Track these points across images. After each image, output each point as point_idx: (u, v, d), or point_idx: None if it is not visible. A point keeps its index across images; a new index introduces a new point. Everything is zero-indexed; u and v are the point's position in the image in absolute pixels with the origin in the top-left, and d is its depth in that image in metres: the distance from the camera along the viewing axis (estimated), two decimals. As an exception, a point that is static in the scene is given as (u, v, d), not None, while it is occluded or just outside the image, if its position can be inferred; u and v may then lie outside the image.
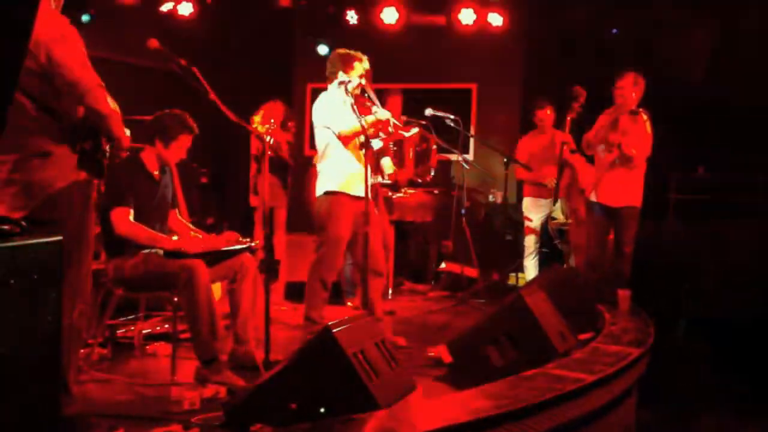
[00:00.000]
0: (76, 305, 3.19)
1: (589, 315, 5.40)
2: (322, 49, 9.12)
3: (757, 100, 7.29)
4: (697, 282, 7.23)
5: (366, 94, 5.34)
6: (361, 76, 5.23)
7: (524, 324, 4.19)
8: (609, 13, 8.28)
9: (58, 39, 3.06)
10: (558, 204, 7.07)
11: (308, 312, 5.23)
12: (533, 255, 7.40)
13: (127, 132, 3.37)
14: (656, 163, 6.35)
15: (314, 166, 5.58)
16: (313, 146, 5.59)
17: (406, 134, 5.60)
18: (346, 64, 5.22)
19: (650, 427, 4.74)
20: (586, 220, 6.58)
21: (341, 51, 5.34)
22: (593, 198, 6.37)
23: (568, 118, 6.58)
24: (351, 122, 5.06)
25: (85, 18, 7.63)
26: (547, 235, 7.37)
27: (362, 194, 5.10)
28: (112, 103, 3.24)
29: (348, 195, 5.18)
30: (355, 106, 5.00)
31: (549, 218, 7.32)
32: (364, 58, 5.31)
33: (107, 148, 3.32)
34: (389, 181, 6.64)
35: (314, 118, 5.28)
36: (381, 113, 5.21)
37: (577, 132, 6.64)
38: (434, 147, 7.36)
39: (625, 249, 6.24)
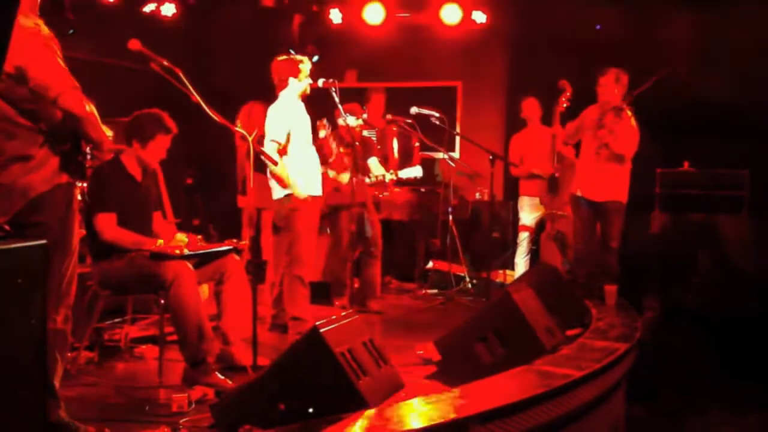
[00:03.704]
0: (60, 309, 3.17)
1: (577, 310, 5.41)
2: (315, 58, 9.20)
3: (742, 95, 7.32)
4: (684, 276, 7.26)
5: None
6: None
7: (512, 321, 4.20)
8: (593, 9, 8.30)
9: (31, 42, 3.03)
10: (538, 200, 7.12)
11: (293, 312, 5.27)
12: (525, 252, 7.41)
13: (110, 133, 3.34)
14: (642, 158, 6.37)
15: None
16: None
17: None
18: (293, 70, 5.32)
19: (640, 422, 4.76)
20: (573, 215, 6.60)
21: (282, 58, 5.42)
22: (578, 193, 6.39)
23: (557, 112, 6.62)
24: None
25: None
26: (540, 232, 7.39)
27: (317, 193, 5.37)
28: (89, 106, 3.20)
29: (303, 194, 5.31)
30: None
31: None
32: (305, 58, 5.41)
33: (88, 150, 3.29)
34: (376, 181, 6.65)
35: (267, 132, 5.34)
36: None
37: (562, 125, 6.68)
38: (417, 144, 7.37)
39: (611, 244, 6.26)
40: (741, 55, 7.61)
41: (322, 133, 6.09)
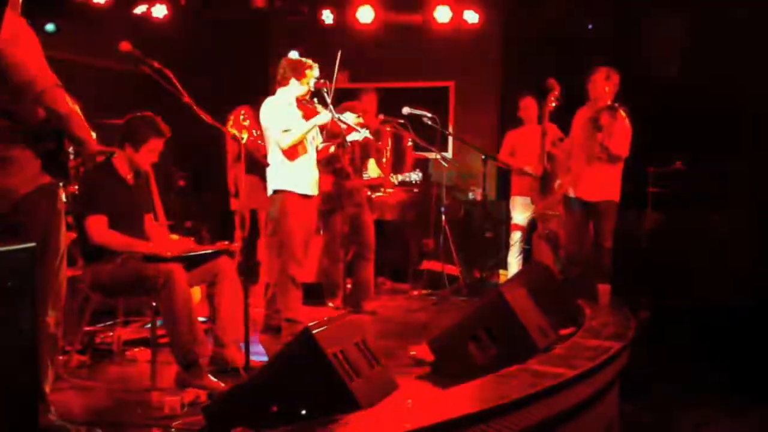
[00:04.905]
0: (50, 312, 3.15)
1: (570, 310, 5.41)
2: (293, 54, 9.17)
3: (734, 92, 7.33)
4: (677, 274, 7.27)
5: (315, 100, 5.44)
6: (321, 83, 5.38)
7: (505, 321, 4.20)
8: (584, 8, 8.31)
9: (11, 39, 2.98)
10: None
11: (286, 313, 5.27)
12: (518, 252, 7.41)
13: (92, 134, 3.30)
14: (634, 157, 6.37)
15: None
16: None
17: (351, 137, 5.68)
18: (298, 72, 5.34)
19: (633, 420, 4.76)
20: (565, 216, 6.60)
21: (293, 58, 5.45)
22: (571, 193, 6.40)
23: (546, 111, 6.63)
24: (292, 133, 5.22)
25: (49, 27, 7.49)
26: (532, 232, 7.38)
27: (310, 193, 5.35)
28: (72, 104, 3.15)
29: (296, 193, 5.30)
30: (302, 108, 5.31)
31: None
32: (315, 65, 5.41)
33: (71, 149, 3.25)
34: (372, 182, 6.66)
35: (263, 122, 5.38)
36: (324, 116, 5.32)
37: (555, 124, 6.69)
38: (409, 144, 7.36)
39: (604, 244, 6.26)
40: (731, 51, 7.62)
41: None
